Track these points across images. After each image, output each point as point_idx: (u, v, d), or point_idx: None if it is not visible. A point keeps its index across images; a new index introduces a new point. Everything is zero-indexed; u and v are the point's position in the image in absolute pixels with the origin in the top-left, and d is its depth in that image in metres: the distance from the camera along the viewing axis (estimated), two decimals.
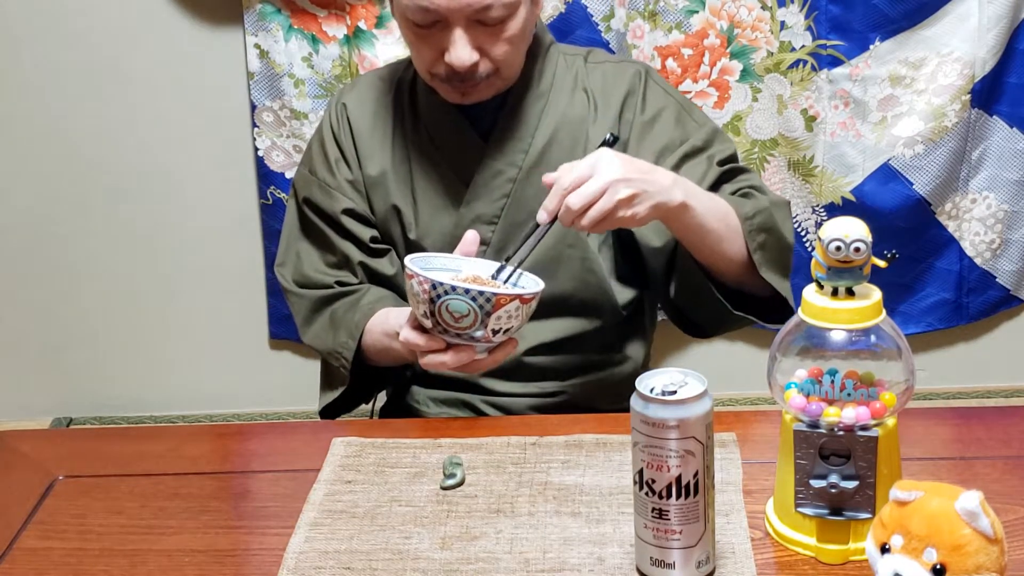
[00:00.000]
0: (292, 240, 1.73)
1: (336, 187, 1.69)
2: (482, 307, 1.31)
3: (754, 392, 2.82)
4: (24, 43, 2.66)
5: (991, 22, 2.48)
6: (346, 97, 1.73)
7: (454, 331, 1.34)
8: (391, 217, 1.69)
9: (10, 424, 2.87)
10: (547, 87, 1.66)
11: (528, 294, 1.34)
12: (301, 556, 1.24)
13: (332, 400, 1.69)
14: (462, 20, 1.52)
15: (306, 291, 1.70)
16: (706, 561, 1.17)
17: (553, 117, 1.65)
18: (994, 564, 1.00)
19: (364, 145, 1.69)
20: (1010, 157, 2.63)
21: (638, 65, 1.70)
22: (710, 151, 1.64)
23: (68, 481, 1.42)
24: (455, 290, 1.31)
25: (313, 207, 1.70)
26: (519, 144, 1.64)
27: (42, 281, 2.85)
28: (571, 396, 1.69)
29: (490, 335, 1.34)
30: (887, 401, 1.17)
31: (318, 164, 1.71)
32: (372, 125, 1.70)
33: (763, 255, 1.55)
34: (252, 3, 2.57)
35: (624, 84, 1.67)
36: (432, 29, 1.54)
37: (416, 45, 1.58)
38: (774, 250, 1.57)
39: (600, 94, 1.66)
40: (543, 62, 1.67)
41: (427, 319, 1.35)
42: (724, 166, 1.63)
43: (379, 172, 1.68)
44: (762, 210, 1.56)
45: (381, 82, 1.73)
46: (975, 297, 2.74)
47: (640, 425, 1.13)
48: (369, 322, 1.60)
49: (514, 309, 1.33)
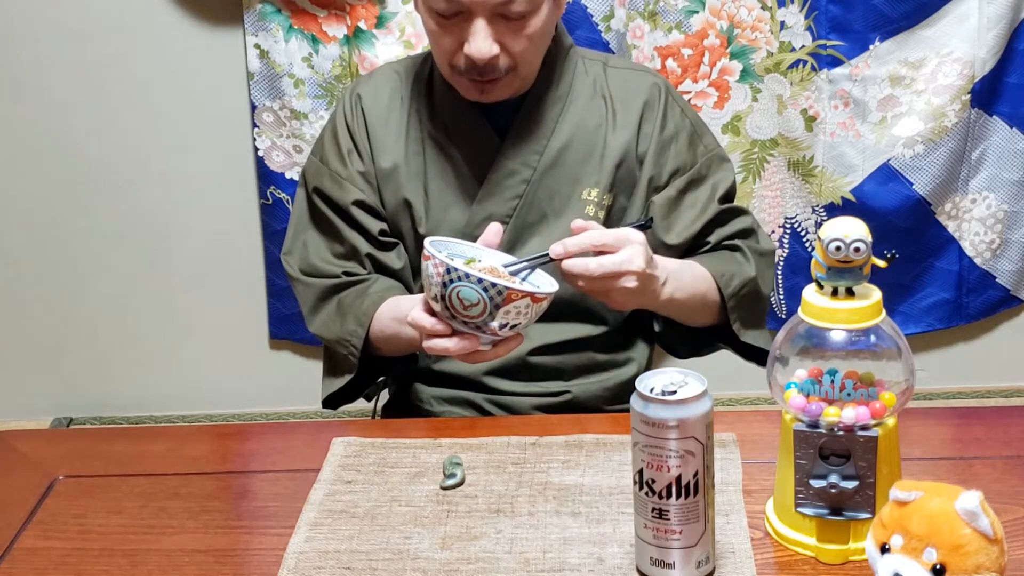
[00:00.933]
0: (300, 229, 1.73)
1: (347, 178, 1.68)
2: (492, 299, 1.31)
3: (754, 392, 2.82)
4: (24, 43, 2.66)
5: (991, 22, 2.48)
6: (361, 88, 1.72)
7: (462, 318, 1.34)
8: (402, 211, 1.68)
9: (10, 424, 2.87)
10: (566, 91, 1.67)
11: (541, 294, 1.34)
12: (301, 556, 1.24)
13: (336, 389, 1.68)
14: (485, 12, 1.52)
15: (313, 279, 1.69)
16: (706, 561, 1.17)
17: (571, 121, 1.66)
18: (994, 564, 1.00)
19: (377, 137, 1.69)
20: (1010, 157, 2.63)
21: (657, 77, 1.72)
22: (713, 180, 1.69)
23: (68, 481, 1.42)
24: (468, 277, 1.30)
25: (323, 197, 1.70)
26: (535, 145, 1.64)
27: (42, 281, 2.86)
28: (575, 396, 1.69)
29: (496, 328, 1.34)
30: (887, 401, 1.17)
31: (330, 154, 1.70)
32: (386, 118, 1.69)
33: (741, 324, 1.64)
34: (252, 3, 2.57)
35: (643, 94, 1.68)
36: (455, 20, 1.55)
37: (437, 35, 1.58)
38: (753, 314, 1.67)
39: (619, 102, 1.67)
40: (563, 65, 1.67)
41: (437, 302, 1.34)
42: (723, 204, 1.68)
43: (391, 165, 1.68)
44: (748, 281, 1.64)
45: (397, 75, 1.73)
46: (975, 297, 2.74)
47: (640, 425, 1.13)
48: (378, 310, 1.60)
49: (524, 306, 1.33)
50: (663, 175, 1.66)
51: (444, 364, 1.69)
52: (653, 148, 1.66)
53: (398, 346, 1.61)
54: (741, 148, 2.64)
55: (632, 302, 1.50)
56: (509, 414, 1.67)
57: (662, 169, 1.66)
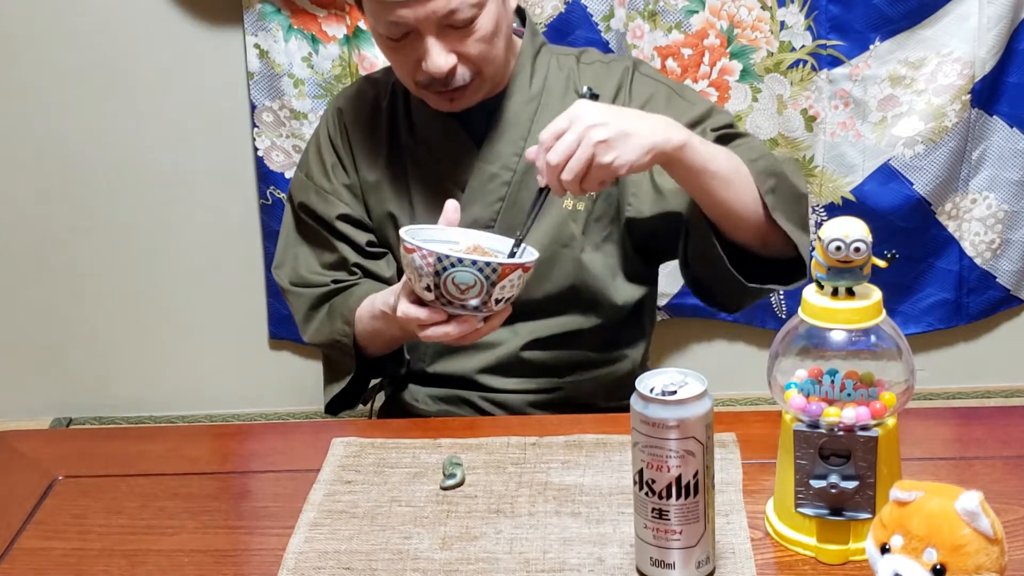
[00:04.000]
0: (289, 243, 1.74)
1: (332, 192, 1.69)
2: (488, 277, 1.32)
3: (754, 392, 2.82)
4: (23, 43, 2.66)
5: (991, 22, 2.48)
6: (341, 102, 1.74)
7: (458, 303, 1.34)
8: (387, 222, 1.69)
9: (10, 424, 2.87)
10: (539, 90, 1.66)
11: (529, 263, 1.36)
12: (301, 556, 1.24)
13: (338, 392, 1.68)
14: (432, 27, 1.52)
15: (304, 289, 1.70)
16: (706, 561, 1.17)
17: (546, 120, 1.64)
18: (994, 564, 1.00)
19: (360, 150, 1.70)
20: (1010, 157, 2.63)
21: (627, 61, 1.70)
22: (705, 124, 1.62)
23: (68, 481, 1.42)
24: (461, 262, 1.31)
25: (309, 212, 1.71)
26: (512, 148, 1.64)
27: (42, 281, 2.85)
28: (569, 393, 1.69)
29: (492, 304, 1.35)
30: (887, 401, 1.17)
31: (315, 169, 1.71)
32: (368, 130, 1.70)
33: (775, 198, 1.50)
34: (252, 3, 2.57)
35: (614, 81, 1.67)
36: (405, 41, 1.55)
37: (394, 59, 1.60)
38: (786, 194, 1.52)
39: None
40: (534, 64, 1.67)
41: (429, 292, 1.35)
42: (719, 131, 1.60)
43: (375, 178, 1.69)
44: (765, 155, 1.53)
45: (375, 87, 1.73)
46: (975, 297, 2.74)
47: (640, 425, 1.13)
48: (358, 310, 1.61)
49: (516, 277, 1.35)
50: None
51: (438, 366, 1.70)
52: None
53: (383, 342, 1.62)
54: None
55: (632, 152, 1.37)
56: (504, 411, 1.67)
57: None
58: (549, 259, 1.63)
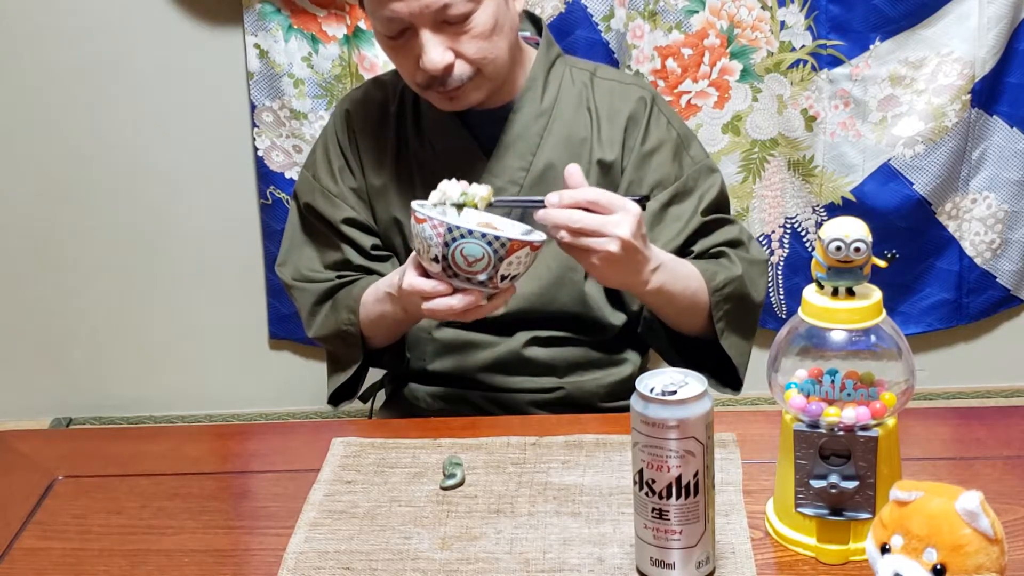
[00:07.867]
0: (294, 242, 1.74)
1: (339, 195, 1.69)
2: (496, 251, 1.31)
3: (754, 392, 2.81)
4: (24, 43, 2.66)
5: (991, 22, 2.48)
6: (349, 105, 1.73)
7: (464, 275, 1.34)
8: (393, 227, 1.69)
9: (10, 424, 2.87)
10: (550, 104, 1.65)
11: (538, 242, 1.35)
12: (301, 556, 1.24)
13: (343, 382, 1.68)
14: (427, 22, 1.52)
15: (309, 284, 1.70)
16: (706, 561, 1.17)
17: (556, 136, 1.65)
18: (994, 564, 1.00)
19: (367, 155, 1.69)
20: (1010, 157, 2.63)
21: (645, 90, 1.69)
22: (700, 192, 1.65)
23: (68, 481, 1.42)
24: (471, 234, 1.31)
25: (315, 213, 1.71)
26: (520, 162, 1.64)
27: (42, 281, 2.85)
28: (570, 392, 1.69)
29: (498, 280, 1.35)
30: (887, 401, 1.17)
31: (321, 171, 1.71)
32: (375, 135, 1.69)
33: (726, 323, 1.58)
34: (252, 3, 2.57)
35: (628, 107, 1.65)
36: (403, 38, 1.55)
37: (396, 59, 1.60)
38: (738, 316, 1.60)
39: (604, 115, 1.65)
40: (547, 77, 1.66)
41: (436, 263, 1.34)
42: (708, 216, 1.64)
43: (382, 183, 1.69)
44: (734, 279, 1.58)
45: (383, 90, 1.72)
46: (975, 297, 2.74)
47: (640, 425, 1.13)
48: (363, 298, 1.61)
49: (524, 255, 1.34)
50: (643, 187, 1.63)
51: (438, 364, 1.69)
52: (634, 160, 1.64)
53: (386, 327, 1.62)
54: (741, 148, 2.64)
55: (613, 275, 1.44)
56: (504, 410, 1.67)
57: (642, 181, 1.63)
58: (557, 281, 1.64)
